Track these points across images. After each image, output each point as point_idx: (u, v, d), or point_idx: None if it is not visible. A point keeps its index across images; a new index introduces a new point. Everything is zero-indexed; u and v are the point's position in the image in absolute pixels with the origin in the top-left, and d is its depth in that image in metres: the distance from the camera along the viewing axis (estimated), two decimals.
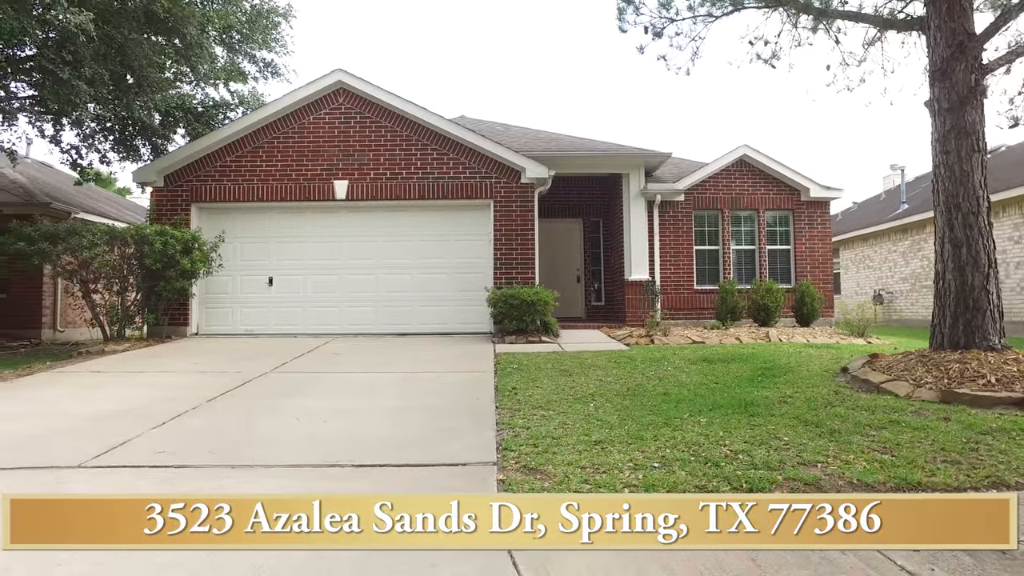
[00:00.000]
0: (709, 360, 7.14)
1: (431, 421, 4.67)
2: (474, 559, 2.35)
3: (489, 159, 10.41)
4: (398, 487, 3.30)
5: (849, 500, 2.26)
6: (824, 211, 12.20)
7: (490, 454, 3.81)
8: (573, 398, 5.32)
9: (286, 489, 3.24)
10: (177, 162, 10.28)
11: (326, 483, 3.38)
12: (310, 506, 2.36)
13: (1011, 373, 4.70)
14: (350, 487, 3.30)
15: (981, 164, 5.32)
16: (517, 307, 9.30)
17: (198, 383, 6.13)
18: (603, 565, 2.32)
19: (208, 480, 3.41)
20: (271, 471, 3.55)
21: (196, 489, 3.21)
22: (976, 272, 5.24)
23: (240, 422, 4.69)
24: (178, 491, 3.14)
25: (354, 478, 3.43)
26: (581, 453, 3.75)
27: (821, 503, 2.24)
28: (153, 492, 3.12)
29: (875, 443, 3.79)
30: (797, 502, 2.25)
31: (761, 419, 4.43)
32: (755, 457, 3.59)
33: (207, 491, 3.15)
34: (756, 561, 2.29)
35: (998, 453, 3.54)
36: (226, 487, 3.28)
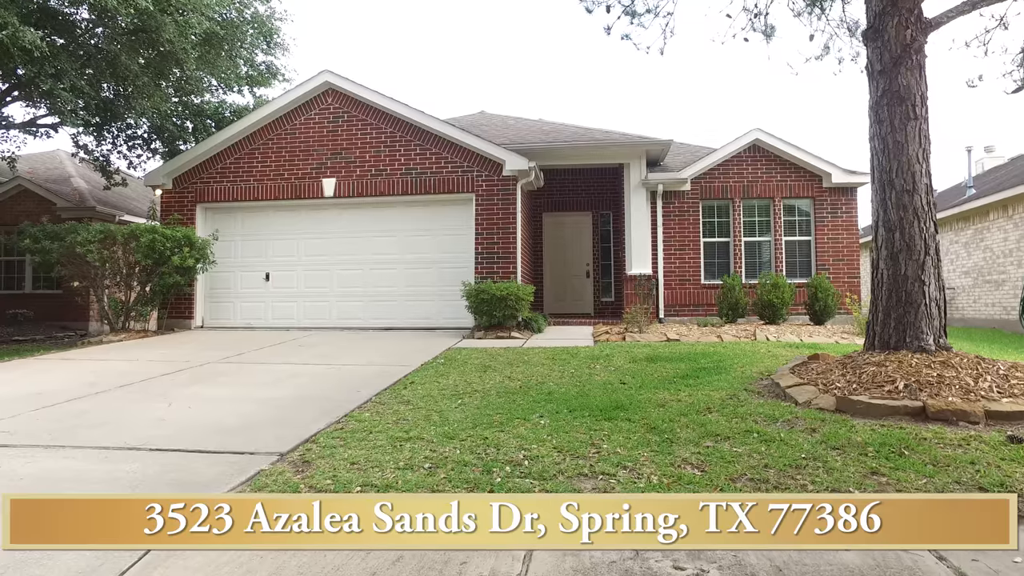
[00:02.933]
0: (652, 359, 6.62)
1: (286, 411, 4.65)
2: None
3: (471, 153, 10.27)
4: (159, 469, 3.30)
5: (849, 500, 2.25)
6: (850, 198, 10.96)
7: (287, 445, 3.73)
8: (458, 393, 5.12)
9: (58, 467, 3.36)
10: (183, 165, 11.00)
11: (105, 465, 3.43)
12: (310, 507, 2.36)
13: (926, 379, 3.94)
14: (116, 468, 3.34)
15: (918, 134, 4.49)
16: (488, 302, 9.11)
17: (137, 370, 6.50)
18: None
19: (8, 460, 3.57)
20: (68, 451, 3.67)
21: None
22: (910, 261, 4.44)
23: (118, 406, 4.90)
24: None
25: (131, 460, 3.47)
26: (373, 449, 3.58)
27: (821, 503, 2.24)
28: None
29: (700, 456, 3.31)
30: (797, 502, 2.25)
31: (613, 423, 4.02)
32: (541, 463, 3.26)
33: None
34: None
35: (822, 472, 2.97)
36: (13, 467, 3.43)
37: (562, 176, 13.33)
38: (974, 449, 3.16)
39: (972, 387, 3.79)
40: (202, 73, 11.86)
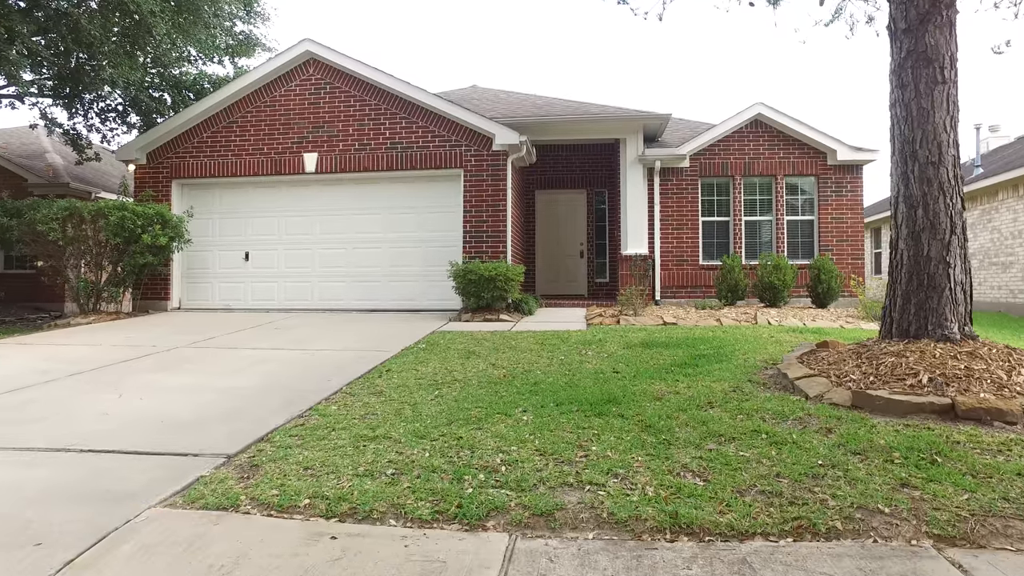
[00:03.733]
0: (648, 345, 6.22)
1: (247, 403, 4.23)
2: None
3: (459, 126, 9.73)
4: (80, 476, 2.88)
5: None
6: (855, 176, 10.49)
7: (238, 445, 3.32)
8: (436, 383, 4.71)
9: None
10: (158, 138, 10.42)
11: (19, 472, 3.01)
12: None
13: (952, 372, 3.54)
14: (28, 476, 2.91)
15: (946, 99, 4.03)
16: (475, 283, 8.67)
17: (96, 356, 6.06)
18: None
19: None
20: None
21: None
22: (933, 240, 4.01)
23: (63, 397, 4.47)
24: None
25: (53, 464, 3.04)
26: (333, 451, 3.17)
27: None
28: None
29: (702, 462, 2.91)
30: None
31: (604, 420, 3.62)
32: (520, 470, 2.85)
33: None
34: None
35: (844, 484, 2.58)
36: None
37: (556, 152, 12.80)
38: (1017, 456, 2.76)
39: (1006, 382, 3.39)
40: (178, 42, 11.19)
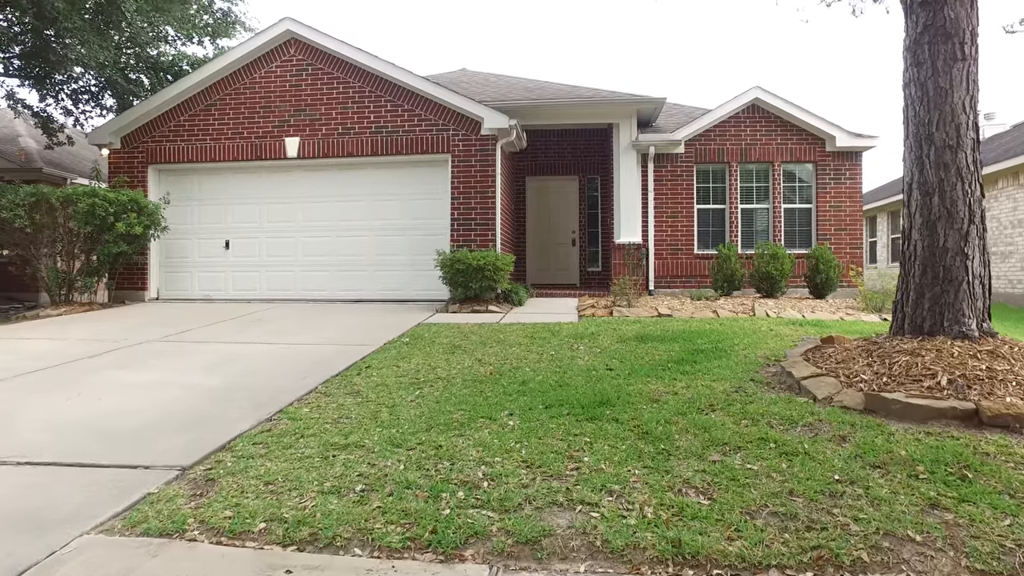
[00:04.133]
0: (642, 339, 5.95)
1: (213, 405, 3.92)
2: None
3: (446, 110, 9.35)
4: (5, 493, 2.56)
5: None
6: (854, 163, 10.23)
7: (196, 455, 3.02)
8: (418, 382, 4.42)
9: None
10: (133, 121, 9.97)
11: None
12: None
13: (973, 373, 3.29)
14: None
15: (966, 77, 3.75)
16: (463, 272, 8.35)
17: (59, 351, 5.71)
18: None
19: None
20: None
21: None
22: (950, 230, 3.75)
23: (12, 398, 4.13)
24: None
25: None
26: (298, 462, 2.87)
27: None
28: None
29: (706, 476, 2.62)
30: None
31: (597, 425, 3.34)
32: (504, 486, 2.57)
33: None
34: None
35: (866, 504, 2.31)
36: None
37: (547, 137, 12.44)
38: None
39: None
40: (153, 19, 10.69)
